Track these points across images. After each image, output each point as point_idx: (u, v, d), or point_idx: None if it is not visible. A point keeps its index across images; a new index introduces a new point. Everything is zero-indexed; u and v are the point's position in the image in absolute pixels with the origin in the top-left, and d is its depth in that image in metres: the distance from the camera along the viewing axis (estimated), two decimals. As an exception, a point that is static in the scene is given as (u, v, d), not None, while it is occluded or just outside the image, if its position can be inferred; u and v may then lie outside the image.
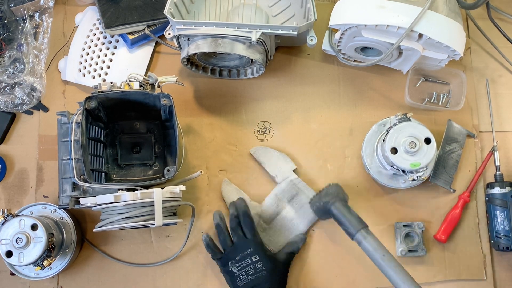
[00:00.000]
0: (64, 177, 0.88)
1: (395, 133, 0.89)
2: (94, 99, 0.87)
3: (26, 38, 1.00)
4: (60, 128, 0.89)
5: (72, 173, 0.85)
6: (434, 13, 0.84)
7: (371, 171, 0.97)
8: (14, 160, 1.01)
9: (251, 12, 0.98)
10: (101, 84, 0.88)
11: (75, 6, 1.07)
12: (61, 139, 0.89)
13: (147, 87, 0.91)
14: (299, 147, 1.02)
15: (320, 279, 0.97)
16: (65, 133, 0.89)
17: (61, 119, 0.90)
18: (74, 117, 0.87)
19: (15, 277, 0.92)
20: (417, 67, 1.00)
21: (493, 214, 0.96)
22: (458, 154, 0.99)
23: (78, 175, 0.85)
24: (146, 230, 0.99)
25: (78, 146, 0.86)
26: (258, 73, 1.00)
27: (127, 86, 0.89)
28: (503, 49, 1.06)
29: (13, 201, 0.99)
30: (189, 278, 0.97)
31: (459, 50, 0.87)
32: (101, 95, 0.87)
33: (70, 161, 0.86)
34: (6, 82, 0.98)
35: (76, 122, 0.86)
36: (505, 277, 0.98)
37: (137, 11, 1.01)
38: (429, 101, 1.03)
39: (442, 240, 0.96)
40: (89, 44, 1.03)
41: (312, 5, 0.91)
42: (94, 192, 0.88)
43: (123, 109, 0.93)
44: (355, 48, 0.96)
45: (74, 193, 0.87)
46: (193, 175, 0.91)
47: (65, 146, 0.89)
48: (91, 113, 0.89)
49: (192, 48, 0.90)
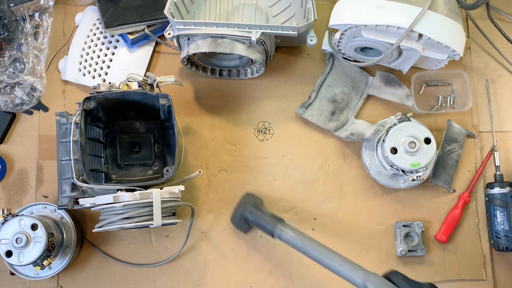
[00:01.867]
0: (63, 178, 0.88)
1: (395, 133, 0.89)
2: (92, 100, 0.87)
3: (26, 38, 1.00)
4: (59, 129, 0.89)
5: (71, 174, 0.85)
6: (434, 13, 0.84)
7: (371, 171, 0.97)
8: (14, 160, 1.01)
9: (251, 12, 0.98)
10: (99, 85, 0.88)
11: (75, 6, 1.07)
12: (60, 139, 0.89)
13: (146, 87, 0.91)
14: (299, 147, 1.02)
15: (320, 278, 0.97)
16: (64, 133, 0.89)
17: (60, 120, 0.90)
18: (73, 118, 0.87)
19: (15, 277, 0.93)
20: (418, 75, 1.00)
21: (493, 214, 0.96)
22: (458, 154, 0.99)
23: (77, 175, 0.85)
24: (146, 230, 0.99)
25: (77, 146, 0.86)
26: (258, 73, 1.00)
27: (126, 86, 0.89)
28: (503, 49, 1.06)
29: (13, 201, 0.99)
30: (189, 278, 0.97)
31: (459, 50, 0.87)
32: (100, 95, 0.87)
33: (69, 162, 0.86)
34: (6, 82, 0.98)
35: (75, 122, 0.86)
36: (505, 277, 0.98)
37: (137, 11, 1.01)
38: (438, 107, 1.03)
39: (443, 240, 0.96)
40: (89, 44, 1.03)
41: (312, 5, 0.91)
42: (93, 193, 0.88)
43: (122, 109, 0.93)
44: (355, 48, 0.96)
45: (73, 193, 0.87)
46: (192, 175, 0.91)
47: (64, 146, 0.89)
48: (90, 114, 0.89)
49: (192, 48, 0.90)
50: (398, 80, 1.01)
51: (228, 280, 0.97)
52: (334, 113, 1.02)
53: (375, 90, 1.02)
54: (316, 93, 1.02)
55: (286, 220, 0.99)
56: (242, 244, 0.99)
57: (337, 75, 1.03)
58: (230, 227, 0.99)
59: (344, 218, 1.00)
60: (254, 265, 0.98)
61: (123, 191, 0.84)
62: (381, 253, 0.98)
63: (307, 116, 1.01)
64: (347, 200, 1.00)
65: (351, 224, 0.99)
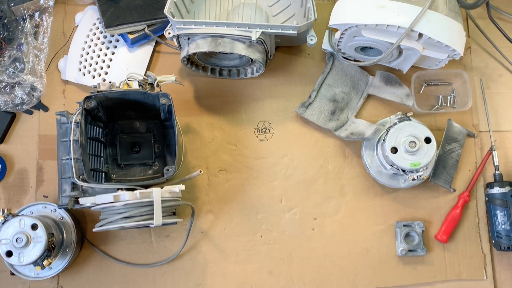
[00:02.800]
0: (63, 177, 0.88)
1: (395, 133, 0.89)
2: (93, 99, 0.87)
3: (26, 37, 1.00)
4: (59, 128, 0.89)
5: (71, 173, 0.85)
6: (434, 12, 0.84)
7: (371, 171, 0.97)
8: (14, 160, 1.01)
9: (251, 12, 0.98)
10: (100, 84, 0.88)
11: (75, 6, 1.07)
12: (61, 139, 0.89)
13: (146, 87, 0.91)
14: (299, 147, 1.02)
15: (320, 278, 0.97)
16: (64, 133, 0.89)
17: (60, 119, 0.90)
18: (73, 117, 0.87)
19: (15, 277, 0.92)
20: (418, 74, 1.00)
21: (493, 214, 0.96)
22: (458, 153, 0.99)
23: (77, 175, 0.85)
24: (146, 230, 0.99)
25: (77, 146, 0.86)
26: (258, 73, 1.00)
27: (126, 85, 0.89)
28: (503, 48, 1.06)
29: (13, 201, 0.99)
30: (189, 278, 0.97)
31: (459, 50, 0.87)
32: (100, 94, 0.87)
33: (70, 161, 0.86)
34: (6, 82, 0.98)
35: (75, 122, 0.86)
36: (505, 277, 0.98)
37: (137, 10, 1.01)
38: (438, 107, 1.03)
39: (443, 240, 0.96)
40: (89, 44, 1.03)
41: (312, 4, 0.91)
42: (94, 192, 0.87)
43: (122, 108, 0.93)
44: (355, 47, 0.96)
45: (73, 193, 0.87)
46: (192, 175, 0.91)
47: (64, 146, 0.89)
48: (90, 113, 0.89)
49: (192, 48, 0.90)
50: (398, 79, 1.01)
51: (228, 280, 0.97)
52: (334, 112, 1.02)
53: (375, 89, 1.02)
54: (316, 92, 1.02)
55: (286, 220, 0.99)
56: (242, 244, 0.99)
57: (337, 74, 1.03)
58: (230, 227, 0.99)
59: (344, 218, 1.00)
60: (254, 265, 0.98)
61: (123, 191, 0.84)
62: (381, 253, 0.98)
63: (307, 116, 1.01)
64: (347, 200, 1.00)
65: (351, 224, 0.99)
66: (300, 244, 0.99)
